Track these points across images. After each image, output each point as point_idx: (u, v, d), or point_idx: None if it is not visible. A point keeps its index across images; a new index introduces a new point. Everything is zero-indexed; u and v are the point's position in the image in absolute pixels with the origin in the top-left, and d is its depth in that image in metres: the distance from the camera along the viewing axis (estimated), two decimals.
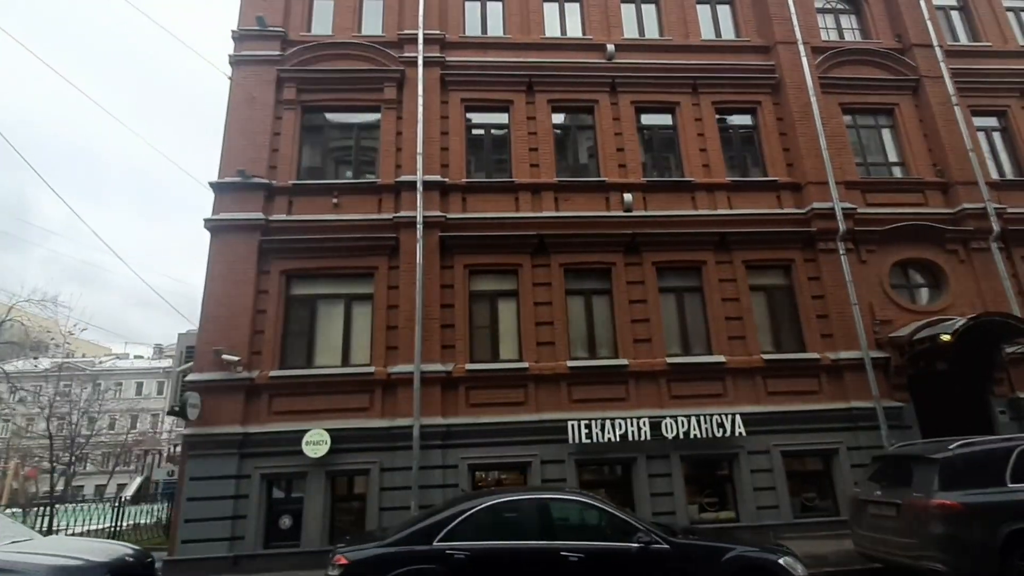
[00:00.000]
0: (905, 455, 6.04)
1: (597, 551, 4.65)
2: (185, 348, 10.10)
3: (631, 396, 9.36)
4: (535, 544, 4.70)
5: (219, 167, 10.18)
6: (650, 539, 4.69)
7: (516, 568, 4.61)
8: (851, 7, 12.74)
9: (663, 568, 4.63)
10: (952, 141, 11.13)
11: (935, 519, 5.01)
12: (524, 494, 5.45)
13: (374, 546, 4.73)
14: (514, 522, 4.87)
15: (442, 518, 4.82)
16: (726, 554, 4.71)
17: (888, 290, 10.28)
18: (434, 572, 4.48)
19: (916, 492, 5.27)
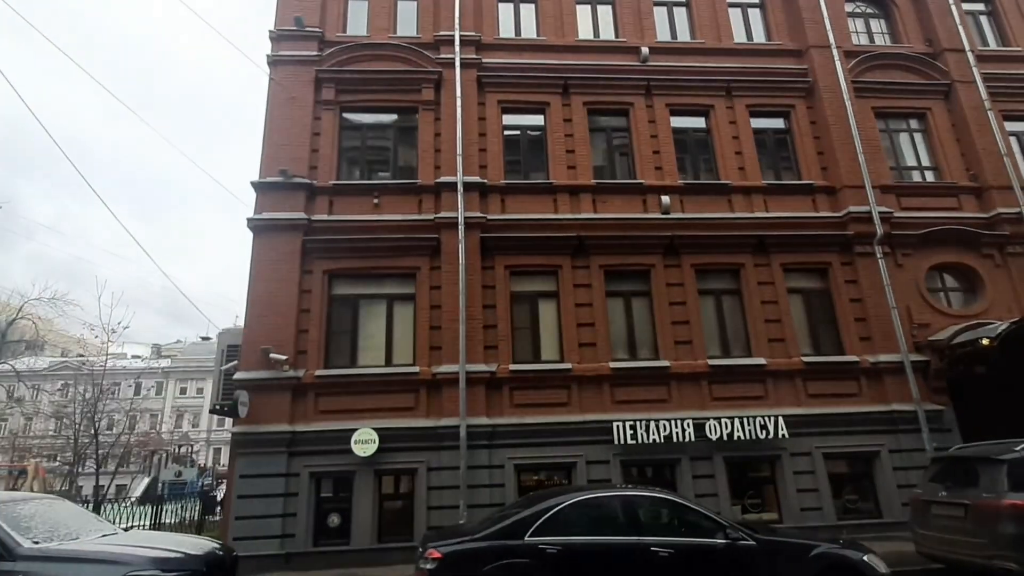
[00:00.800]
0: (968, 456, 6.22)
1: (685, 547, 4.82)
2: (227, 346, 10.22)
3: (673, 398, 9.53)
4: (626, 539, 4.86)
5: (260, 167, 10.35)
6: (737, 535, 4.86)
7: (607, 562, 4.76)
8: (880, 11, 12.97)
9: (750, 564, 4.79)
10: (985, 145, 11.35)
11: (1007, 519, 5.19)
12: (609, 491, 5.64)
13: (468, 540, 4.88)
14: (601, 518, 5.04)
15: (532, 513, 4.97)
16: (812, 551, 4.88)
17: (925, 294, 10.47)
18: (528, 566, 4.64)
19: (986, 493, 5.45)
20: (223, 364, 10.01)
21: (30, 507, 5.06)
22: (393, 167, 10.83)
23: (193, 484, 29.21)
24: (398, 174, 10.73)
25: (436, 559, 4.70)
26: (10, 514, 4.77)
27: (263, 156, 10.38)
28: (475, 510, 8.55)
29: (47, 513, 5.12)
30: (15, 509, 4.90)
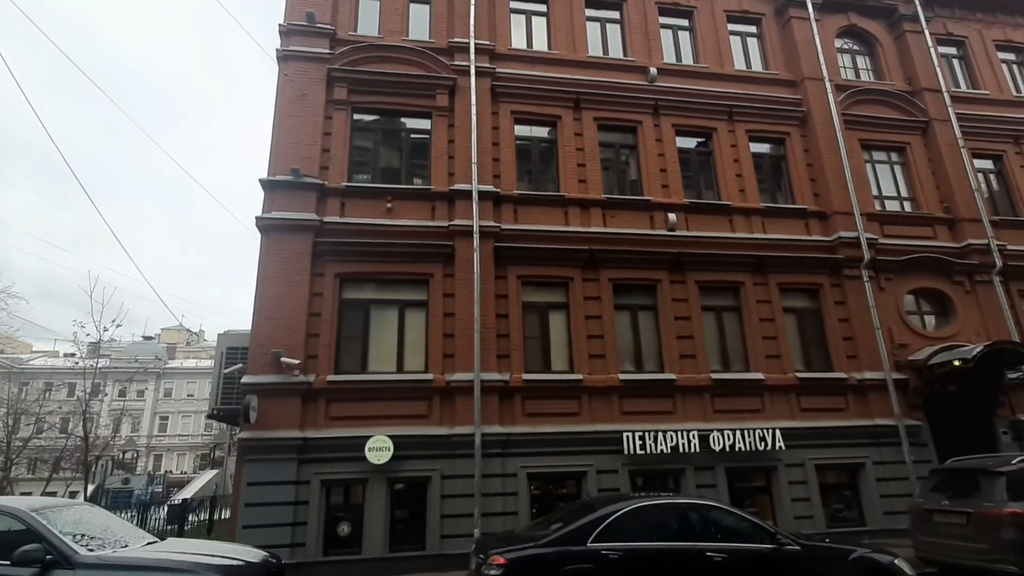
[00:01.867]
0: (968, 468, 6.94)
1: (737, 552, 5.21)
2: (226, 349, 10.03)
3: (678, 410, 10.03)
4: (683, 545, 5.22)
5: (269, 164, 10.26)
6: (784, 540, 5.29)
7: (666, 567, 5.10)
8: (866, 49, 14.03)
9: (796, 568, 5.24)
10: (958, 180, 12.48)
11: (1007, 526, 5.87)
12: (663, 499, 5.99)
13: (532, 546, 5.10)
14: (657, 524, 5.38)
15: (592, 519, 5.25)
16: (850, 555, 5.39)
17: (904, 316, 11.42)
18: (592, 571, 4.91)
19: (987, 502, 6.12)
20: (223, 367, 9.82)
21: (73, 513, 4.97)
22: (405, 172, 10.92)
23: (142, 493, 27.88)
24: (410, 179, 10.84)
25: (501, 565, 4.90)
26: (58, 520, 4.68)
27: (272, 153, 10.28)
28: (488, 519, 8.76)
29: (90, 519, 5.04)
30: (61, 515, 4.81)
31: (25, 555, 4.20)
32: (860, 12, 13.83)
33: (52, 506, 4.92)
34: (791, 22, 13.12)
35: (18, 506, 4.70)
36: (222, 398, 9.76)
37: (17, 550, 4.23)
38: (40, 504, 4.89)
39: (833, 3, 13.52)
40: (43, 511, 4.69)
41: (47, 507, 4.83)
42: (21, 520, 4.55)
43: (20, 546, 4.52)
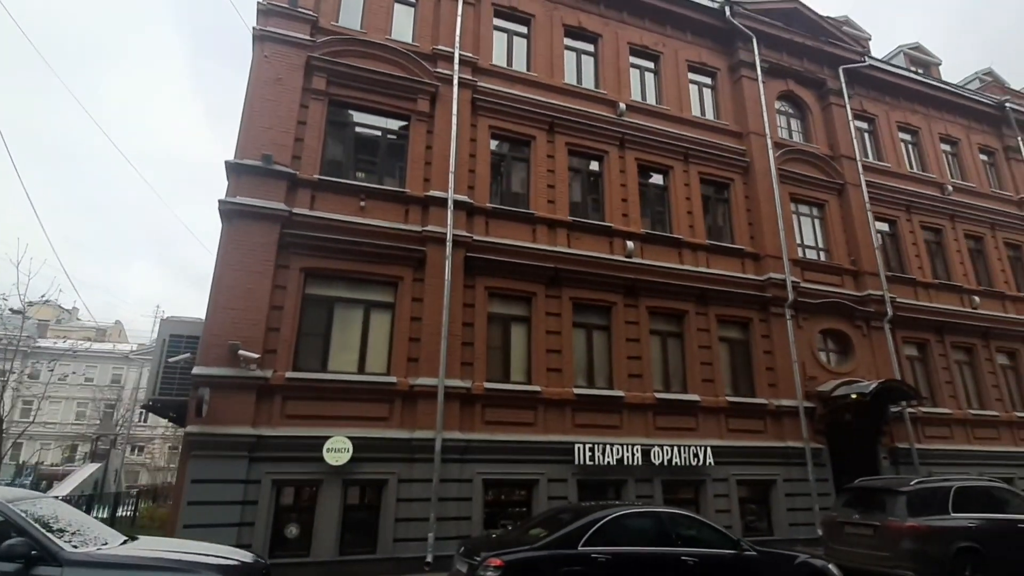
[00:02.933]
0: (874, 488, 8.15)
1: (707, 556, 5.83)
2: (169, 336, 9.37)
3: (624, 425, 10.76)
4: (662, 549, 5.76)
5: (237, 146, 9.85)
6: (745, 547, 6.00)
7: (647, 569, 5.60)
8: (798, 113, 15.86)
9: (753, 570, 5.95)
10: (863, 238, 14.43)
11: (907, 537, 7.02)
12: (644, 507, 6.51)
13: (528, 549, 5.40)
14: (638, 530, 5.87)
15: (582, 525, 5.64)
16: (795, 560, 6.20)
17: (815, 352, 13.00)
18: (583, 573, 5.30)
19: (891, 516, 7.26)
20: (165, 355, 9.22)
21: (47, 507, 4.61)
22: (379, 172, 10.88)
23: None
24: (383, 180, 10.81)
25: (499, 567, 5.16)
26: (36, 513, 4.34)
27: (241, 136, 9.89)
28: (442, 523, 8.93)
29: (64, 514, 4.68)
30: (37, 508, 4.45)
31: (11, 549, 3.89)
32: (797, 80, 15.62)
33: (25, 498, 4.53)
34: (742, 80, 14.56)
35: None
36: (161, 388, 9.12)
37: (2, 543, 3.90)
38: (13, 495, 4.49)
39: (776, 69, 15.18)
40: (19, 502, 4.33)
41: (20, 499, 4.46)
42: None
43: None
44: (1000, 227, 17.39)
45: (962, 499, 7.53)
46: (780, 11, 15.54)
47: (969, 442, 14.06)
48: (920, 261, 15.55)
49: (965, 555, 7.00)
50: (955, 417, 14.08)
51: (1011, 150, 18.80)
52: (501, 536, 6.91)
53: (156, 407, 9.44)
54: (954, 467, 12.73)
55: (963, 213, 16.83)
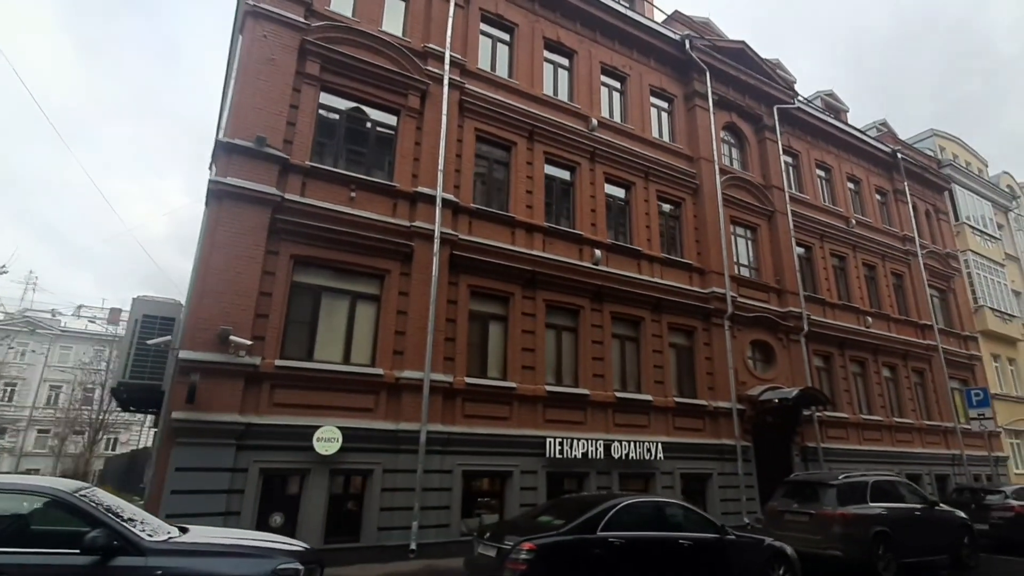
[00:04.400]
0: (809, 481, 9.65)
1: (697, 539, 6.79)
2: (142, 316, 8.94)
3: (588, 421, 11.70)
4: (664, 534, 6.65)
5: (224, 125, 9.64)
6: (726, 532, 7.04)
7: (652, 550, 6.43)
8: (738, 143, 17.73)
9: (733, 550, 6.99)
10: (787, 261, 16.50)
11: (836, 523, 8.49)
12: (647, 497, 7.40)
13: (555, 534, 6.03)
14: (643, 517, 6.70)
15: (597, 512, 6.36)
16: (764, 543, 7.35)
17: (746, 360, 14.74)
18: (600, 555, 6.03)
19: (825, 506, 8.72)
20: (137, 336, 8.85)
21: (104, 496, 4.58)
22: (367, 164, 10.98)
23: None
24: (370, 172, 10.92)
25: (532, 550, 5.76)
26: (104, 503, 4.35)
27: (230, 115, 9.68)
28: (424, 512, 9.33)
29: (120, 504, 4.67)
30: (101, 498, 4.44)
31: (94, 541, 3.91)
32: (739, 114, 17.46)
33: (85, 488, 4.48)
34: (695, 108, 16.08)
35: (60, 487, 4.26)
36: (132, 372, 8.72)
37: (87, 535, 3.92)
38: (75, 486, 4.43)
39: (723, 102, 16.90)
40: (82, 492, 4.32)
41: (81, 489, 4.42)
42: (63, 502, 4.16)
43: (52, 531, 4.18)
44: (888, 258, 20.47)
45: (876, 491, 9.20)
46: (729, 49, 17.30)
47: (860, 443, 16.56)
48: (828, 283, 18.00)
49: (879, 537, 8.59)
50: (851, 421, 16.52)
51: (899, 192, 22.12)
52: (513, 522, 7.49)
53: (125, 391, 8.97)
54: (849, 464, 15.02)
55: (862, 244, 19.64)
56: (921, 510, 9.65)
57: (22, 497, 4.24)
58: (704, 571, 6.78)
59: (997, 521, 12.04)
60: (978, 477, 19.41)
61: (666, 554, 6.54)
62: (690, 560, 6.65)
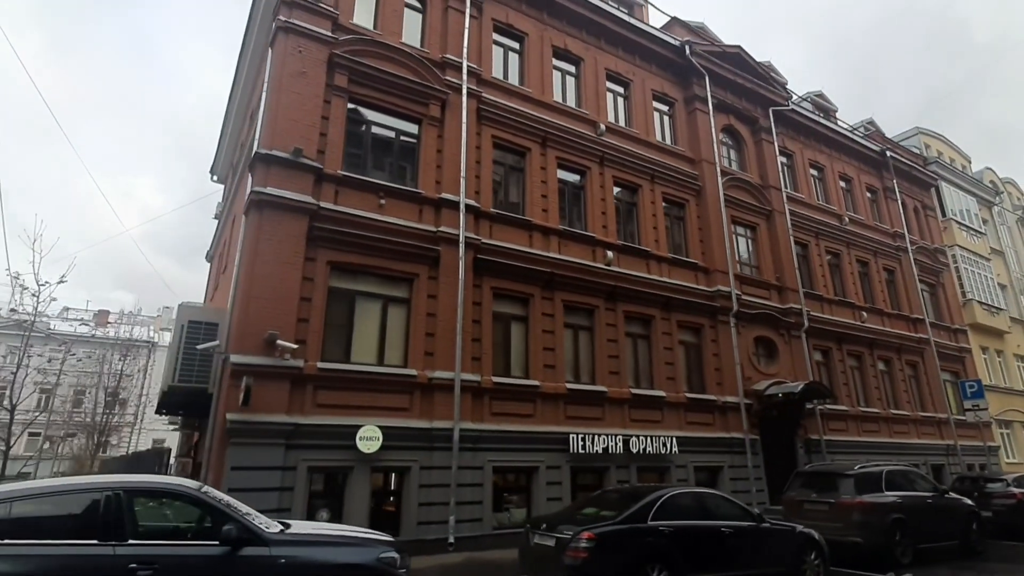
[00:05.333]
0: (826, 472, 10.62)
1: (737, 527, 7.62)
2: (188, 322, 9.52)
3: (606, 417, 12.53)
4: (708, 522, 7.49)
5: (259, 137, 10.25)
6: (763, 520, 7.90)
7: (699, 537, 7.28)
8: (736, 145, 18.77)
9: (769, 537, 7.85)
10: (786, 259, 17.56)
11: (856, 511, 9.40)
12: (687, 488, 8.39)
13: (611, 524, 6.80)
14: (688, 507, 7.51)
15: (646, 503, 7.13)
16: (796, 529, 8.23)
17: (751, 356, 15.72)
18: (652, 542, 6.84)
19: (843, 495, 9.65)
20: (184, 341, 9.44)
21: (217, 493, 5.25)
22: (393, 171, 11.68)
23: None
24: (396, 179, 11.61)
25: (591, 539, 6.53)
26: (217, 497, 5.02)
27: (265, 127, 10.33)
28: (458, 507, 10.04)
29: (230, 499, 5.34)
30: (216, 494, 5.11)
31: (228, 533, 4.56)
32: (736, 116, 18.50)
33: (204, 487, 5.14)
34: (696, 112, 17.07)
35: (188, 485, 4.92)
36: (180, 375, 9.31)
37: (224, 528, 4.58)
38: (197, 485, 5.09)
39: (722, 105, 17.92)
40: (204, 490, 4.99)
41: (203, 487, 5.08)
42: (191, 499, 4.83)
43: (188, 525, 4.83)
44: (880, 254, 21.72)
45: (890, 480, 10.17)
46: (727, 54, 18.34)
47: (859, 434, 17.69)
48: (825, 280, 19.14)
49: (896, 524, 9.51)
50: (850, 413, 17.65)
51: (888, 190, 23.44)
52: (562, 514, 8.24)
53: (173, 394, 9.53)
54: (849, 455, 16.12)
55: (855, 241, 20.86)
56: (932, 498, 10.65)
57: (162, 496, 4.91)
58: (744, 556, 7.56)
59: (1000, 508, 12.99)
60: (971, 467, 20.69)
61: (710, 540, 7.36)
62: (731, 546, 7.47)
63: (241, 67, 17.18)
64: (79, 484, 4.60)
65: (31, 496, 4.30)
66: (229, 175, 20.60)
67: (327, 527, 5.81)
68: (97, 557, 4.15)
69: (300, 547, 4.94)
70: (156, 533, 4.62)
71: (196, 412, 12.08)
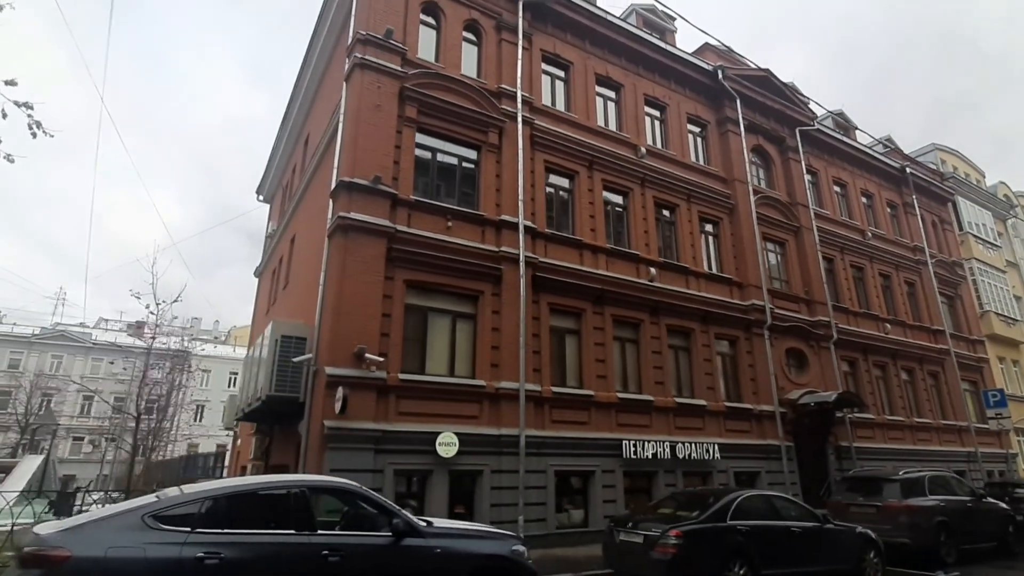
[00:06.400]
0: (871, 477, 11.34)
1: (805, 527, 8.35)
2: (281, 337, 10.37)
3: (652, 424, 13.28)
4: (780, 522, 8.22)
5: (338, 165, 11.13)
6: (826, 520, 8.61)
7: (772, 535, 8.00)
8: (764, 164, 19.55)
9: (832, 536, 8.55)
10: (814, 272, 18.30)
11: (903, 513, 10.10)
12: (757, 491, 9.05)
13: (695, 523, 7.52)
14: (757, 508, 8.22)
15: (725, 503, 7.86)
16: (856, 530, 8.93)
17: (783, 366, 16.43)
18: (731, 540, 7.56)
19: (890, 498, 10.35)
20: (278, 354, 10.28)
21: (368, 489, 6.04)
22: (457, 195, 12.52)
23: None
24: (461, 203, 12.45)
25: (679, 536, 7.26)
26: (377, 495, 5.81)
27: (345, 157, 11.21)
28: (526, 508, 10.80)
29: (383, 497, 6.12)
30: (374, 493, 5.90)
31: (396, 526, 5.34)
32: (765, 137, 19.30)
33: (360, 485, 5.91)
34: (728, 133, 17.89)
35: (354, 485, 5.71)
36: (276, 385, 10.15)
37: (393, 521, 5.37)
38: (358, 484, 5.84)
39: (751, 126, 18.71)
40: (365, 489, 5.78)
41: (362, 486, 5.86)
42: (362, 496, 5.61)
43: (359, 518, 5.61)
44: (901, 268, 22.41)
45: (933, 485, 10.88)
46: (755, 77, 19.16)
47: (885, 441, 18.34)
48: (850, 293, 19.85)
49: (941, 526, 10.21)
50: (876, 421, 18.30)
51: (908, 206, 24.14)
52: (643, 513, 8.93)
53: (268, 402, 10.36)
54: (876, 461, 16.77)
55: (878, 255, 21.56)
56: (971, 502, 11.35)
57: (338, 493, 5.71)
58: (812, 554, 8.27)
59: None
60: (991, 473, 21.28)
61: (782, 539, 8.09)
62: (800, 544, 8.19)
63: (296, 96, 18.24)
64: (271, 483, 5.40)
65: (234, 493, 5.07)
66: (279, 195, 21.60)
67: (459, 523, 6.60)
68: (297, 544, 4.93)
69: (449, 539, 5.71)
70: (334, 524, 5.41)
71: (271, 420, 12.93)
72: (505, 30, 14.07)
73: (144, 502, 4.75)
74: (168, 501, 4.70)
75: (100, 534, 4.30)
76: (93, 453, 40.95)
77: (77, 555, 4.11)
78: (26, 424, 35.09)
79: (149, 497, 5.01)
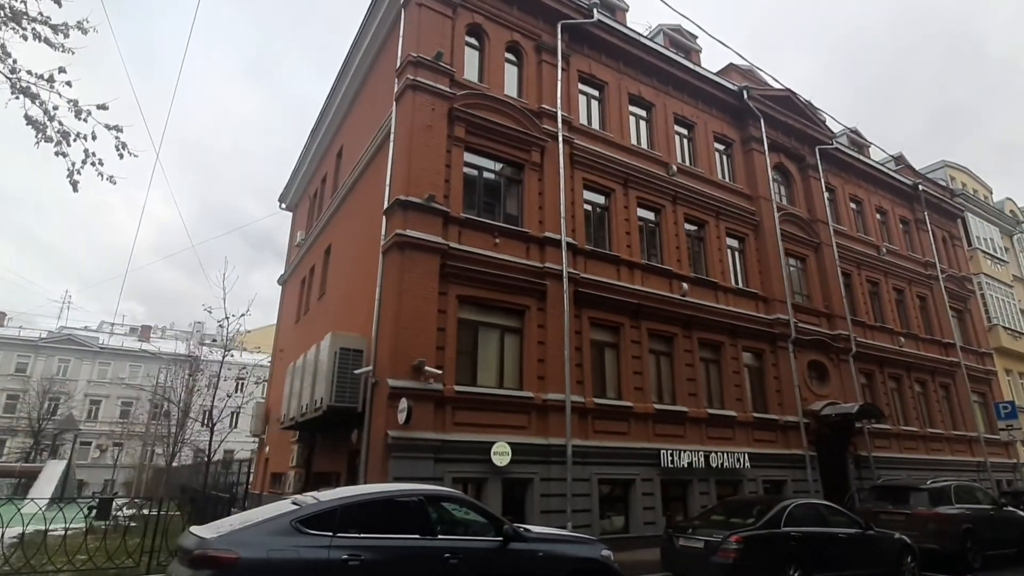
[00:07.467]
0: (899, 486, 11.84)
1: (851, 533, 8.83)
2: (339, 349, 10.80)
3: (686, 435, 13.74)
4: (829, 529, 8.69)
5: (391, 183, 11.61)
6: (868, 527, 9.09)
7: (822, 541, 8.47)
8: (784, 181, 20.11)
9: (874, 543, 9.02)
10: (834, 287, 18.84)
11: (932, 521, 10.58)
12: (805, 499, 9.53)
13: (752, 529, 7.99)
14: (807, 515, 8.71)
15: (778, 511, 8.33)
16: (895, 536, 9.41)
17: (806, 378, 16.94)
18: (785, 545, 8.04)
19: (919, 507, 10.85)
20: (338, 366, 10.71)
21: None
22: (501, 212, 13.00)
23: None
24: (507, 220, 12.92)
25: (739, 542, 7.73)
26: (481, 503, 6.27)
27: (398, 175, 11.71)
28: (574, 515, 11.24)
29: None
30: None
31: (506, 532, 5.80)
32: (786, 155, 19.87)
33: None
34: (752, 152, 18.44)
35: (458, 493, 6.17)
36: (336, 396, 10.58)
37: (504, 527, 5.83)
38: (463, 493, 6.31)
39: (774, 144, 19.28)
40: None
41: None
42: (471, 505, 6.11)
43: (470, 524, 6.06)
44: (914, 283, 23.01)
45: (958, 494, 11.39)
46: (778, 97, 19.75)
47: (900, 451, 18.86)
48: (866, 307, 20.41)
49: (967, 533, 10.70)
50: (892, 432, 18.83)
51: (919, 222, 24.77)
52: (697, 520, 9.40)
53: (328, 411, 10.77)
54: (893, 470, 17.28)
55: (892, 270, 22.15)
56: (993, 510, 11.86)
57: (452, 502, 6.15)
58: (856, 559, 8.75)
59: None
60: (1000, 482, 21.82)
61: (830, 544, 8.58)
62: (846, 550, 8.69)
63: (327, 111, 18.73)
64: (399, 491, 5.84)
65: (368, 500, 5.52)
66: (305, 204, 22.04)
67: (554, 529, 7.07)
68: (422, 548, 5.37)
69: (549, 543, 6.17)
70: (447, 530, 5.85)
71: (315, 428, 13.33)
72: (545, 51, 14.59)
73: (287, 508, 5.18)
74: (310, 508, 5.14)
75: (259, 538, 4.74)
76: (100, 458, 41.17)
77: (244, 557, 4.55)
78: (39, 428, 35.37)
79: (285, 503, 5.45)
